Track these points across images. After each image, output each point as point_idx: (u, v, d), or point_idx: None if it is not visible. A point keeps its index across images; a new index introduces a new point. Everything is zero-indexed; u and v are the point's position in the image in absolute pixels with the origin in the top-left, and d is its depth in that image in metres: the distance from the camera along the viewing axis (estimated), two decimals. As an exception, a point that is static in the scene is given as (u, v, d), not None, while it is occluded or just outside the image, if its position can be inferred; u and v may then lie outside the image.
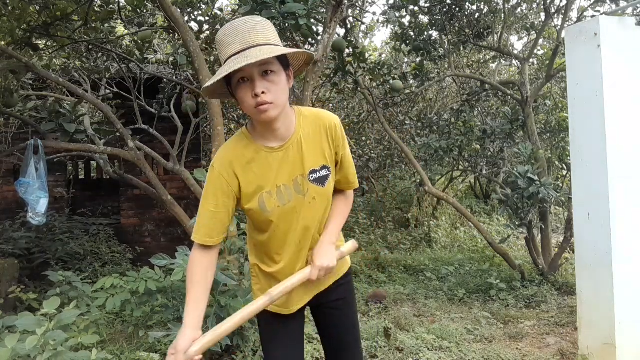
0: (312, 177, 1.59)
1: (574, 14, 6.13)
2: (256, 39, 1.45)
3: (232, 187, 1.55)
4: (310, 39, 4.71)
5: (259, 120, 1.50)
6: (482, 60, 8.51)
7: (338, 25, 4.49)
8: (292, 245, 1.63)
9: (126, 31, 5.54)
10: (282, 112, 1.51)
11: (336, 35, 4.64)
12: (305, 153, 1.58)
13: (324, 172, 1.60)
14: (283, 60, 1.50)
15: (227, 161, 1.55)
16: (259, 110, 1.44)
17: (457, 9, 5.67)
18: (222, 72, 1.44)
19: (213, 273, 1.59)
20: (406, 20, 5.98)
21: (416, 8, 5.79)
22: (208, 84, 1.47)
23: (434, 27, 5.84)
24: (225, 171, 1.55)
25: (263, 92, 1.44)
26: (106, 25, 4.84)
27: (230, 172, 1.55)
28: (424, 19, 6.06)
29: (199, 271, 1.57)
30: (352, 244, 1.78)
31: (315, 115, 1.62)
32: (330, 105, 9.09)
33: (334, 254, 1.64)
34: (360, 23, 7.52)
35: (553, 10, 5.59)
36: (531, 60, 6.43)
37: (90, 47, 5.10)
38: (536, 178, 4.43)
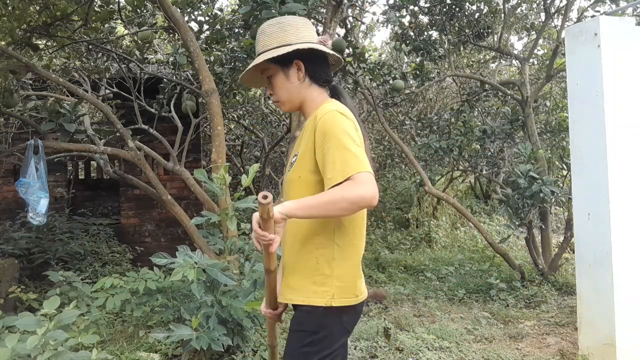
0: (293, 159, 1.63)
1: (574, 14, 6.14)
2: (257, 48, 1.64)
3: None
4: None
5: None
6: (482, 60, 8.51)
7: (338, 25, 4.50)
8: None
9: (126, 31, 5.54)
10: (300, 103, 1.64)
11: (336, 35, 4.64)
12: (301, 138, 1.64)
13: (293, 159, 1.61)
14: (282, 60, 1.58)
15: None
16: None
17: (457, 9, 5.67)
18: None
19: None
20: (406, 20, 5.98)
21: (416, 8, 5.79)
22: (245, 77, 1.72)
23: (434, 27, 5.84)
24: None
25: (270, 94, 1.66)
26: (106, 25, 4.84)
27: None
28: (424, 19, 6.06)
29: None
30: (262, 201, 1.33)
31: (321, 107, 1.57)
32: (330, 105, 9.07)
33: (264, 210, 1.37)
34: (360, 23, 7.52)
35: (553, 10, 5.59)
36: (531, 60, 6.43)
37: (90, 47, 5.10)
38: (537, 176, 4.43)
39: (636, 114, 3.11)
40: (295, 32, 1.60)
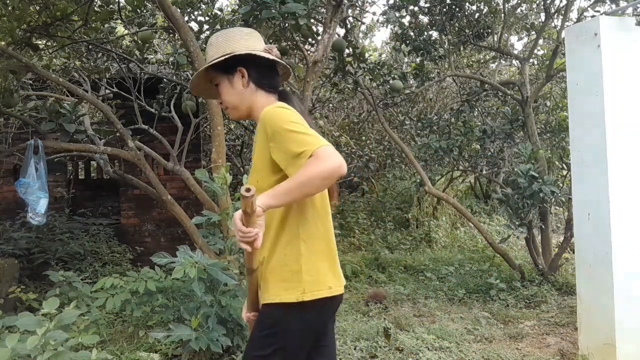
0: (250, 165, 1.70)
1: (574, 14, 6.14)
2: (206, 59, 1.73)
3: None
4: (310, 39, 4.72)
5: None
6: (482, 60, 8.51)
7: (338, 25, 4.50)
8: None
9: (126, 31, 5.54)
10: (247, 109, 1.70)
11: (336, 35, 4.64)
12: (255, 143, 1.66)
13: (251, 165, 1.68)
14: (226, 67, 1.66)
15: None
16: None
17: (457, 9, 5.67)
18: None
19: None
20: (406, 20, 5.98)
21: (416, 8, 5.79)
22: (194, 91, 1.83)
23: (434, 27, 5.84)
24: None
25: (220, 102, 1.74)
26: (106, 25, 4.84)
27: None
28: (424, 19, 6.06)
29: None
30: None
31: (263, 110, 1.59)
32: (330, 105, 9.08)
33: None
34: (360, 23, 7.52)
35: (553, 10, 5.59)
36: (531, 60, 6.43)
37: (90, 47, 5.10)
38: (537, 175, 4.43)
39: (636, 114, 3.11)
40: (239, 41, 1.67)
